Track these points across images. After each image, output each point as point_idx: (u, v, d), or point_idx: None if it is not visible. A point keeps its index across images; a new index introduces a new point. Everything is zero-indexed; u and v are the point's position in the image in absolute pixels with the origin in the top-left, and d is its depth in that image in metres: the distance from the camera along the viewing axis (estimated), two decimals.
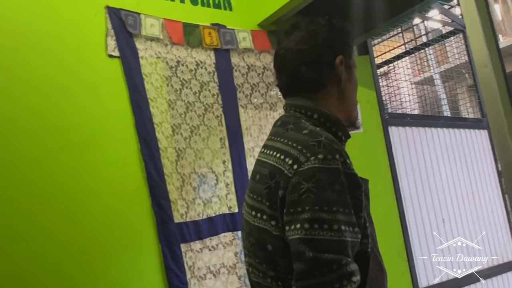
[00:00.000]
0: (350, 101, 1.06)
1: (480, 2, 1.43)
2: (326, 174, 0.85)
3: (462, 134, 3.43)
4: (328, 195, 0.83)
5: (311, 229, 0.82)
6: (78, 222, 1.82)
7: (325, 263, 0.80)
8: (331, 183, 0.84)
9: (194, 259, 2.08)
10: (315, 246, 0.81)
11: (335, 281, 0.79)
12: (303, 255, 0.81)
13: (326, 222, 0.82)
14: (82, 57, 1.97)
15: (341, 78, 1.03)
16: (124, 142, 2.00)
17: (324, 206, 0.83)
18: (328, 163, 0.86)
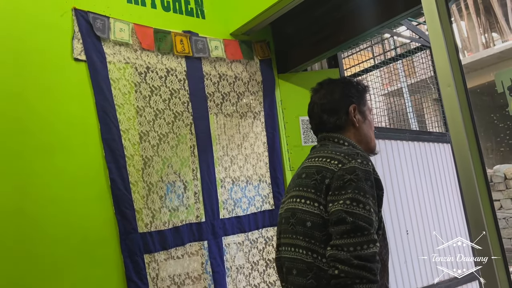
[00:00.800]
0: (367, 135, 1.44)
1: (445, 24, 1.47)
2: (362, 172, 1.21)
3: (426, 148, 3.53)
4: (364, 185, 1.19)
5: (351, 205, 1.17)
6: (34, 231, 1.75)
7: (360, 228, 1.15)
8: (366, 179, 1.21)
9: (158, 270, 2.03)
10: (353, 215, 1.16)
11: (365, 243, 1.14)
12: (345, 220, 1.15)
13: (361, 202, 1.17)
14: (46, 59, 1.91)
15: (354, 121, 1.41)
16: (87, 148, 1.94)
17: (361, 191, 1.18)
18: (364, 166, 1.23)
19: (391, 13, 2.17)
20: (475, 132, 1.41)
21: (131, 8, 2.21)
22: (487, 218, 1.39)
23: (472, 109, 1.45)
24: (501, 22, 10.20)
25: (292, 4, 2.26)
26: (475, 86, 8.84)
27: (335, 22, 2.45)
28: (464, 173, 1.43)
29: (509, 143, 9.72)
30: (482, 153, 1.41)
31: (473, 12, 10.75)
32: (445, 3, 1.49)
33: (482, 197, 1.40)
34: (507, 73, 1.44)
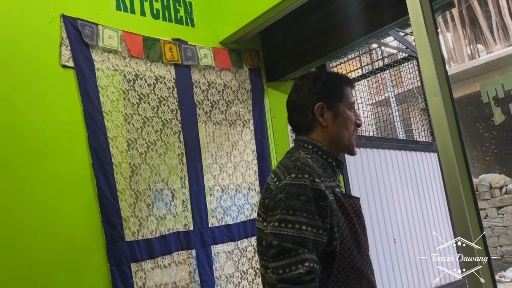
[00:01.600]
0: (337, 134, 1.34)
1: (432, 34, 1.50)
2: (294, 188, 1.17)
3: (413, 157, 3.57)
4: (294, 202, 1.16)
5: (279, 226, 1.15)
6: (19, 239, 1.72)
7: (285, 250, 1.12)
8: (298, 194, 1.16)
9: (145, 279, 2.01)
10: (279, 237, 1.14)
11: (292, 264, 1.11)
12: (271, 243, 1.15)
13: (290, 222, 1.14)
14: (33, 66, 1.89)
15: (320, 120, 1.33)
16: (74, 156, 1.92)
17: (289, 210, 1.15)
18: (299, 180, 1.18)
19: (378, 23, 2.20)
20: (461, 141, 1.43)
21: (120, 15, 2.21)
22: (473, 227, 1.41)
23: (458, 118, 1.47)
24: (486, 34, 10.42)
25: (281, 14, 2.28)
26: (461, 96, 8.99)
27: (324, 32, 2.47)
28: (450, 181, 1.45)
29: (494, 152, 9.87)
30: (468, 162, 1.43)
31: (458, 23, 10.96)
32: (431, 14, 1.51)
33: (468, 206, 1.41)
34: (492, 84, 1.46)
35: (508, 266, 6.72)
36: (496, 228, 7.36)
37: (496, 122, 1.49)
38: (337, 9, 2.37)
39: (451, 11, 10.65)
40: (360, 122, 1.39)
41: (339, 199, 1.24)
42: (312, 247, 1.13)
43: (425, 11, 1.52)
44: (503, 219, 7.34)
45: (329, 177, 1.28)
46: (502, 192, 7.47)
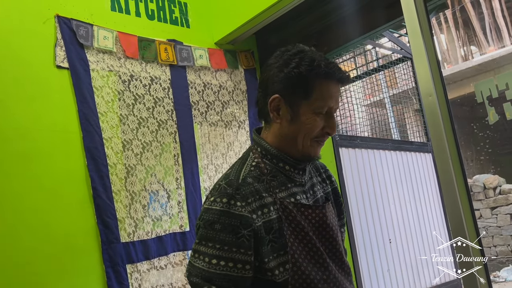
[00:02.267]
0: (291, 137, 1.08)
1: (426, 35, 1.51)
2: (209, 215, 1.01)
3: (408, 157, 3.58)
4: (207, 232, 1.00)
5: (192, 257, 1.02)
6: (14, 240, 1.71)
7: (192, 285, 1.00)
8: (212, 222, 1.00)
9: (140, 280, 2.00)
10: (190, 270, 1.01)
11: None
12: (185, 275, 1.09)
13: (201, 253, 1.00)
14: (28, 66, 1.88)
15: (269, 116, 1.08)
16: (69, 157, 1.91)
17: (202, 240, 1.01)
18: (215, 205, 1.01)
19: (373, 24, 2.21)
20: (455, 140, 1.44)
21: (115, 16, 2.20)
22: (468, 227, 1.42)
23: (453, 118, 1.48)
24: (479, 36, 10.49)
25: (276, 15, 2.29)
26: (455, 97, 9.04)
27: (319, 33, 2.48)
28: (445, 180, 1.46)
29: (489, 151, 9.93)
30: (462, 161, 1.44)
31: (452, 25, 11.03)
32: (426, 14, 1.52)
33: (463, 206, 1.42)
34: (486, 84, 1.48)
35: (502, 266, 6.77)
36: (490, 229, 7.41)
37: (490, 122, 1.50)
38: (332, 10, 2.38)
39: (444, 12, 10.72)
40: (330, 131, 1.09)
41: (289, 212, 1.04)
42: (226, 283, 0.98)
43: (419, 11, 1.53)
44: (497, 220, 7.39)
45: (279, 186, 1.07)
46: (496, 192, 7.52)
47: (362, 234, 3.03)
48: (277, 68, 1.07)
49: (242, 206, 1.00)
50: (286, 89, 1.06)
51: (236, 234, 0.99)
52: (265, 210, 1.03)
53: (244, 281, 1.00)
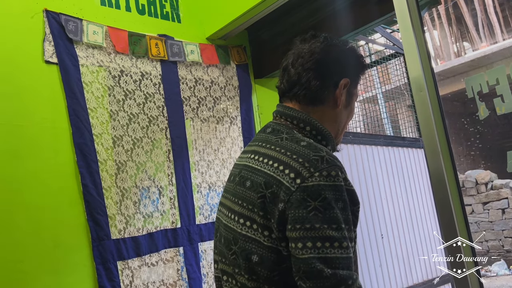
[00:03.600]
0: (341, 124, 1.07)
1: (418, 31, 1.50)
2: (331, 192, 0.86)
3: (400, 153, 3.59)
4: (335, 212, 0.85)
5: (323, 247, 0.84)
6: (4, 237, 1.69)
7: (342, 280, 0.82)
8: (337, 200, 0.86)
9: (132, 277, 1.99)
10: (331, 263, 0.83)
11: None
12: (322, 273, 0.82)
13: (337, 240, 0.84)
14: (16, 62, 1.85)
15: (339, 99, 1.04)
16: (58, 153, 1.89)
17: (333, 224, 0.85)
18: (333, 180, 0.87)
19: (365, 19, 2.20)
20: (446, 135, 1.44)
21: (104, 10, 2.17)
22: (459, 222, 1.42)
23: (444, 114, 1.48)
24: (472, 32, 10.54)
25: (268, 10, 2.27)
26: (447, 93, 9.09)
27: (311, 28, 2.45)
28: (435, 177, 1.46)
29: (479, 146, 10.00)
30: (453, 155, 1.44)
31: (445, 21, 11.08)
32: (417, 10, 1.52)
33: (454, 201, 1.42)
34: (477, 79, 1.48)
35: (494, 261, 6.84)
36: (482, 224, 7.48)
37: (481, 117, 1.50)
38: (324, 5, 2.37)
39: (437, 9, 10.75)
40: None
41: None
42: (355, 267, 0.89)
43: (411, 6, 1.53)
44: (488, 215, 7.46)
45: None
46: (487, 188, 7.59)
47: None
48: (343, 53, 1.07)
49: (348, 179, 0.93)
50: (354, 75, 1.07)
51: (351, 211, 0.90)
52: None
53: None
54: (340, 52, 1.07)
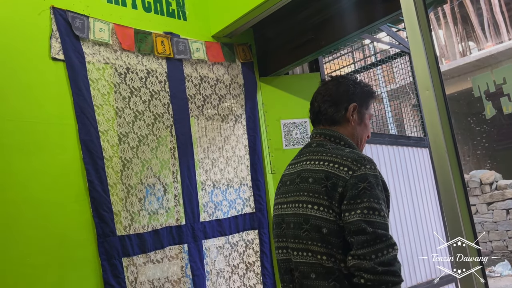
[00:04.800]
0: (359, 137, 1.44)
1: (424, 29, 1.50)
2: (373, 178, 1.24)
3: (405, 152, 3.58)
4: (377, 192, 1.22)
5: (368, 214, 1.19)
6: (10, 232, 1.70)
7: (380, 236, 1.18)
8: (377, 184, 1.24)
9: (136, 273, 2.00)
10: (372, 224, 1.18)
11: (386, 248, 1.17)
12: (365, 230, 1.17)
13: (377, 210, 1.20)
14: (23, 58, 1.86)
15: (350, 119, 1.42)
16: (64, 149, 1.90)
17: (375, 199, 1.21)
18: (373, 171, 1.25)
19: (371, 18, 2.19)
20: (452, 134, 1.44)
21: (111, 8, 2.18)
22: (464, 222, 1.41)
23: (450, 112, 1.48)
24: (477, 31, 10.49)
25: (274, 8, 2.27)
26: (452, 92, 9.05)
27: (317, 27, 2.47)
28: (442, 176, 1.45)
29: (485, 146, 9.95)
30: (459, 154, 1.43)
31: (450, 21, 11.02)
32: (424, 8, 1.51)
33: (459, 200, 1.42)
34: (483, 78, 1.47)
35: (498, 261, 6.81)
36: (486, 224, 7.45)
37: (487, 116, 1.50)
38: (330, 3, 2.37)
39: (443, 8, 10.70)
40: (370, 136, 1.49)
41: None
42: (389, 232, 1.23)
43: (417, 5, 1.52)
44: (493, 215, 7.43)
45: None
46: (492, 188, 7.55)
47: None
48: (349, 86, 1.44)
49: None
50: (360, 101, 1.44)
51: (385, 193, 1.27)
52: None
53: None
54: (347, 85, 1.45)
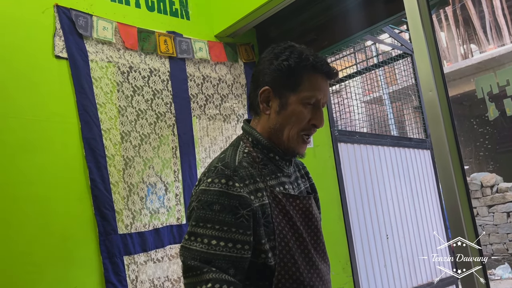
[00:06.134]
0: (278, 129, 1.11)
1: (428, 30, 1.50)
2: (207, 195, 1.00)
3: (407, 153, 3.58)
4: (205, 213, 0.99)
5: (187, 240, 1.00)
6: (12, 229, 1.70)
7: (189, 268, 0.97)
8: (211, 203, 0.99)
9: (137, 272, 2.00)
10: (186, 254, 0.99)
11: (196, 284, 0.95)
12: (181, 258, 1.00)
13: (199, 235, 0.98)
14: (26, 56, 1.87)
15: (259, 107, 1.12)
16: (67, 147, 1.90)
17: (200, 222, 0.99)
18: (213, 186, 1.01)
19: (374, 19, 2.20)
20: (455, 135, 1.44)
21: (115, 6, 2.19)
22: (466, 223, 1.41)
23: (453, 113, 1.48)
24: (479, 34, 10.48)
25: (277, 8, 2.27)
26: (454, 95, 9.04)
27: (319, 27, 2.47)
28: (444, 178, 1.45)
29: (488, 147, 9.94)
30: (461, 155, 1.43)
31: (452, 23, 11.01)
32: (428, 9, 1.51)
33: (461, 201, 1.42)
34: (487, 79, 1.47)
35: (498, 264, 6.80)
36: (487, 227, 7.43)
37: (490, 118, 1.50)
38: (333, 4, 2.37)
39: (445, 10, 10.69)
40: (317, 122, 1.11)
41: (279, 201, 1.07)
42: (225, 265, 0.97)
43: (421, 6, 1.53)
44: (493, 218, 7.41)
45: (269, 174, 1.10)
46: (493, 191, 7.54)
47: (360, 229, 3.03)
48: (268, 61, 1.12)
49: (240, 187, 1.02)
50: (275, 81, 1.10)
51: (235, 214, 0.99)
52: (259, 194, 1.05)
53: (243, 262, 1.00)
54: (265, 61, 1.13)
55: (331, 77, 1.13)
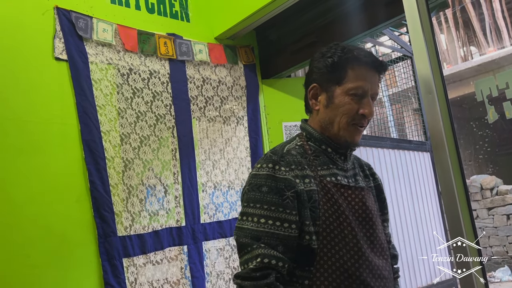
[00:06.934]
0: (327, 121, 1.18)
1: (428, 33, 1.50)
2: (256, 178, 1.10)
3: (406, 156, 3.58)
4: (255, 194, 1.08)
5: (240, 220, 1.09)
6: (11, 232, 1.70)
7: (242, 245, 1.06)
8: (259, 185, 1.09)
9: (137, 274, 2.00)
10: (239, 232, 1.07)
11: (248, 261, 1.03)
12: (235, 237, 1.08)
13: (249, 215, 1.07)
14: (26, 58, 1.87)
15: (309, 103, 1.21)
16: (66, 149, 1.90)
17: (250, 202, 1.08)
18: (261, 170, 1.10)
19: (374, 21, 2.20)
20: (454, 137, 1.44)
21: (115, 8, 2.19)
22: (466, 224, 1.41)
23: (452, 116, 1.48)
24: (479, 36, 10.49)
25: (277, 10, 2.28)
26: (454, 97, 9.04)
27: (319, 30, 2.47)
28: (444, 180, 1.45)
29: (488, 150, 9.94)
30: (460, 157, 1.43)
31: (452, 25, 11.03)
32: (427, 12, 1.51)
33: (460, 202, 1.41)
34: (486, 82, 1.47)
35: (498, 267, 6.79)
36: (487, 229, 7.43)
37: (490, 121, 1.50)
38: (333, 7, 2.37)
39: (445, 12, 10.71)
40: (365, 112, 1.14)
41: (328, 190, 1.10)
42: (274, 242, 1.03)
43: (421, 9, 1.53)
44: (493, 220, 7.41)
45: (321, 165, 1.15)
46: (493, 193, 7.54)
47: None
48: (315, 61, 1.20)
49: (286, 171, 1.09)
50: (322, 77, 1.17)
51: (282, 195, 1.07)
52: (306, 180, 1.10)
53: (290, 240, 1.05)
54: (313, 61, 1.21)
55: (376, 67, 1.17)
